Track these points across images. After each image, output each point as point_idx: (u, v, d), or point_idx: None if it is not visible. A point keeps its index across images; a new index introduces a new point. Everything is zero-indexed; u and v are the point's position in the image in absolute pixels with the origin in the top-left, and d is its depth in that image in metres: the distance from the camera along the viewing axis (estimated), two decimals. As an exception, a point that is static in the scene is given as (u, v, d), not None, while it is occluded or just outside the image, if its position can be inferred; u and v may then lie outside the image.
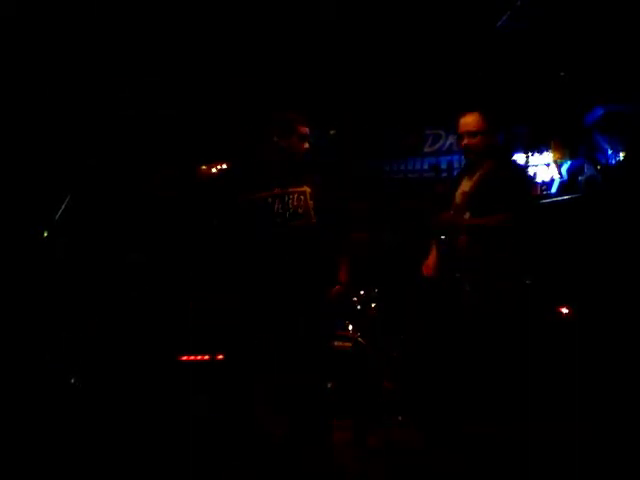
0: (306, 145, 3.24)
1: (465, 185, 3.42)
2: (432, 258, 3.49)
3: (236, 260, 3.24)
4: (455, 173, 3.69)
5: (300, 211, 3.12)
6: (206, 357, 4.43)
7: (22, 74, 5.43)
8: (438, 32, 6.25)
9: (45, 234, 3.99)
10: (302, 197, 3.15)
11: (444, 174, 3.93)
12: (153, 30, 5.77)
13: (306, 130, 3.26)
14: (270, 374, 3.08)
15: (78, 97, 5.85)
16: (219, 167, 6.86)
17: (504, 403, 3.18)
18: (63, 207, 4.01)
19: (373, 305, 5.21)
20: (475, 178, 3.36)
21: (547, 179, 7.50)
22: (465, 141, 3.40)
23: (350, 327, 4.69)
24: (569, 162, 7.43)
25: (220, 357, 4.25)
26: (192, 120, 6.64)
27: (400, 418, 4.34)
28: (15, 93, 5.39)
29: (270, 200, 3.15)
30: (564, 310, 5.20)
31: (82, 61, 5.73)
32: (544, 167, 7.56)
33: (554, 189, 7.47)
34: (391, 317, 5.21)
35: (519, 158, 7.55)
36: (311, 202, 3.16)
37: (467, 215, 3.29)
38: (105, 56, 5.79)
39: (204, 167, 6.91)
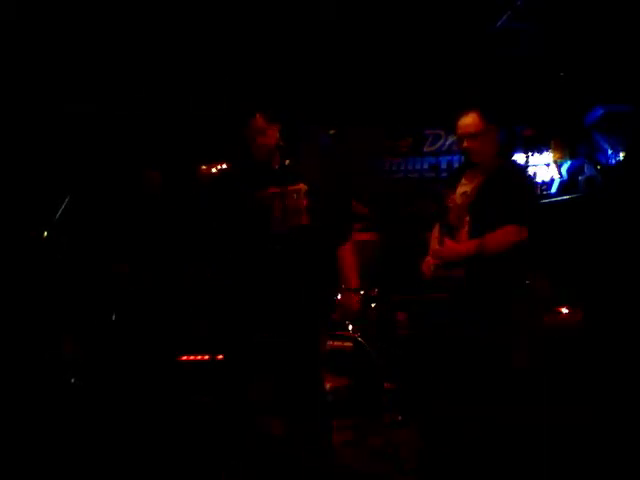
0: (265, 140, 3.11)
1: (466, 185, 3.37)
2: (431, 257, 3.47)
3: (234, 261, 3.23)
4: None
5: (291, 211, 3.08)
6: (206, 357, 4.43)
7: (22, 75, 5.43)
8: (438, 32, 6.24)
9: (45, 234, 3.98)
10: (295, 195, 3.10)
11: (444, 174, 3.92)
12: (152, 30, 5.77)
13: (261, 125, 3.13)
14: (269, 374, 3.08)
15: (77, 97, 5.85)
16: (219, 167, 6.85)
17: (503, 403, 3.18)
18: (63, 207, 4.00)
19: (373, 305, 5.21)
20: (477, 182, 3.31)
21: (547, 179, 7.51)
22: (465, 144, 3.32)
23: (350, 327, 4.68)
24: (569, 162, 7.44)
25: (220, 357, 4.24)
26: (192, 120, 6.64)
27: (400, 418, 4.33)
28: (15, 94, 5.39)
29: (267, 200, 3.13)
30: (564, 310, 5.20)
31: (81, 62, 5.73)
32: (544, 167, 7.57)
33: (554, 189, 7.47)
34: (391, 317, 5.21)
35: (519, 158, 7.56)
36: (305, 200, 3.11)
37: (467, 218, 3.26)
38: (103, 57, 5.79)
39: (204, 167, 6.90)
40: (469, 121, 3.31)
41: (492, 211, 3.16)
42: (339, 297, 3.33)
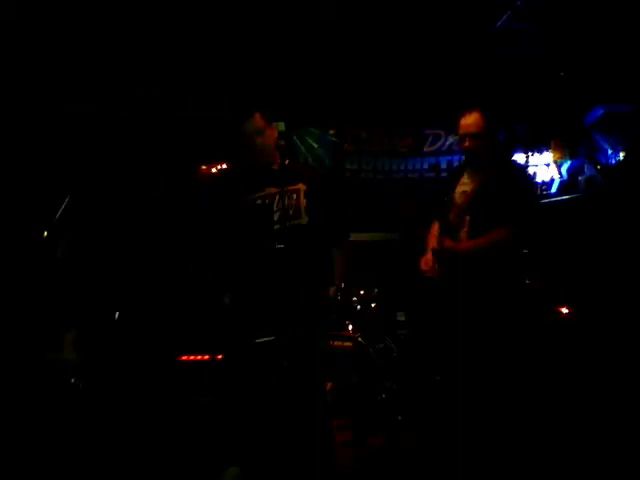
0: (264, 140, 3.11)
1: (466, 185, 3.35)
2: (430, 254, 3.45)
3: (233, 261, 3.22)
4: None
5: (291, 211, 3.07)
6: (206, 357, 4.43)
7: (22, 75, 5.43)
8: (438, 32, 6.24)
9: (45, 234, 3.99)
10: (294, 195, 3.09)
11: (444, 174, 3.90)
12: (153, 30, 5.77)
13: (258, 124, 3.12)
14: (269, 374, 3.08)
15: (77, 97, 5.85)
16: (219, 167, 6.86)
17: (500, 402, 3.17)
18: (63, 207, 4.00)
19: (373, 305, 5.22)
20: (477, 181, 3.29)
21: (547, 179, 7.51)
22: (466, 144, 3.31)
23: (350, 327, 4.69)
24: (569, 162, 7.44)
25: (220, 357, 4.25)
26: (192, 120, 6.64)
27: (400, 418, 4.34)
28: (15, 94, 5.39)
29: (266, 200, 3.12)
30: (564, 310, 5.20)
31: (81, 62, 5.73)
32: (544, 167, 7.57)
33: (554, 189, 7.47)
34: (391, 317, 5.22)
35: (519, 158, 7.56)
36: (304, 200, 3.10)
37: (467, 219, 3.25)
38: (103, 57, 5.78)
39: (204, 167, 6.92)
40: (471, 121, 3.30)
41: (492, 211, 3.14)
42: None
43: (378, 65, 6.73)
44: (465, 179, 3.37)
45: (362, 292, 5.20)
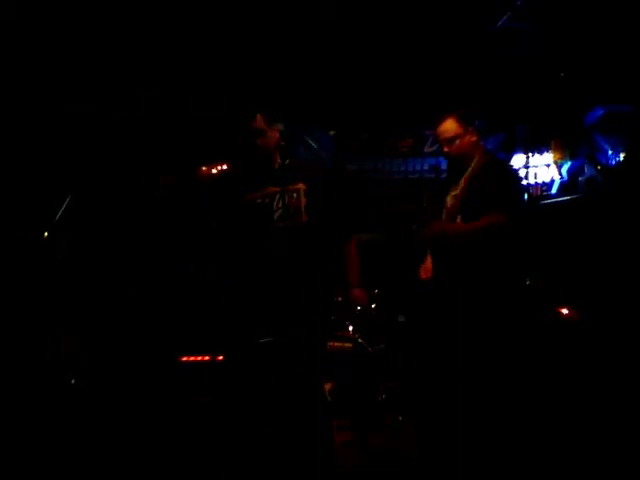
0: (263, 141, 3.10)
1: (454, 188, 3.38)
2: (429, 262, 3.46)
3: (233, 262, 3.22)
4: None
5: (290, 210, 3.07)
6: (206, 357, 4.43)
7: (22, 75, 5.43)
8: (438, 32, 6.24)
9: (45, 234, 3.99)
10: (294, 195, 3.09)
11: (444, 175, 3.89)
12: (153, 30, 5.77)
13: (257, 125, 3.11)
14: (269, 374, 3.08)
15: (77, 97, 5.85)
16: (219, 167, 6.86)
17: (500, 403, 3.18)
18: (63, 207, 4.00)
19: (373, 305, 5.21)
20: (463, 180, 3.31)
21: (547, 179, 7.50)
22: (445, 149, 3.36)
23: (350, 327, 4.68)
24: (569, 162, 7.43)
25: (220, 358, 4.25)
26: (192, 121, 6.64)
27: (400, 418, 4.34)
28: (15, 94, 5.39)
29: (266, 200, 3.12)
30: (565, 311, 5.20)
31: (81, 62, 5.73)
32: (544, 167, 7.56)
33: (554, 190, 7.47)
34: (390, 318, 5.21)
35: (519, 158, 7.57)
36: (304, 199, 3.10)
37: (458, 219, 3.25)
38: (103, 56, 5.78)
39: (204, 167, 6.92)
40: (447, 126, 3.34)
41: (480, 208, 3.14)
42: (352, 293, 3.28)
43: (378, 65, 6.73)
44: (453, 184, 3.39)
45: (376, 291, 5.20)
